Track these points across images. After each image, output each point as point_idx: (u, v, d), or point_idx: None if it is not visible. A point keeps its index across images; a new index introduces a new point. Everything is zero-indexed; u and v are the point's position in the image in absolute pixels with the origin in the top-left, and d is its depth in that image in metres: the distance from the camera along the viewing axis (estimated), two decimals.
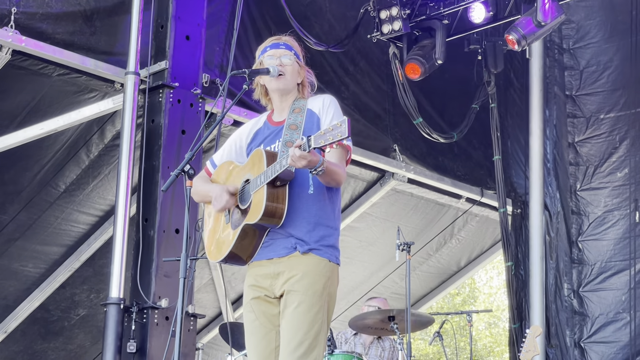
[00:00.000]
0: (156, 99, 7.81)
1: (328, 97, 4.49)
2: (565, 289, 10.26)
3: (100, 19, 7.84)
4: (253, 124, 4.64)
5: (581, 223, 10.31)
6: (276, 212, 4.18)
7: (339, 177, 4.26)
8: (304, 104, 4.46)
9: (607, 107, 10.26)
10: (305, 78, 4.56)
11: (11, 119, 7.97)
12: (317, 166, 4.05)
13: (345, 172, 4.34)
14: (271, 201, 4.15)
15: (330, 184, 4.28)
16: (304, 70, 4.56)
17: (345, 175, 4.32)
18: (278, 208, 4.17)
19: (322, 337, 4.21)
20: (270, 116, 4.58)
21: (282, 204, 4.18)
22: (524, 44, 8.62)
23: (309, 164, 4.02)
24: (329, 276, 4.25)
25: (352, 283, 10.78)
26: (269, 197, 4.15)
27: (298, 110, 4.43)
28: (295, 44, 4.60)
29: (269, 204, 4.15)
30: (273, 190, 4.16)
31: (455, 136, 9.99)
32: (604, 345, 9.99)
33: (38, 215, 8.78)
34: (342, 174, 4.29)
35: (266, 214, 4.15)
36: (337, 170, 4.24)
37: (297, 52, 4.54)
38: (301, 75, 4.54)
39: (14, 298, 9.37)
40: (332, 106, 4.42)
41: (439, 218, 10.93)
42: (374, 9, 9.04)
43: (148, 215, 7.60)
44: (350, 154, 4.40)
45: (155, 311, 7.37)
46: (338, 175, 4.25)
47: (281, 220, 4.19)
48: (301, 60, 4.55)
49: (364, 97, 9.66)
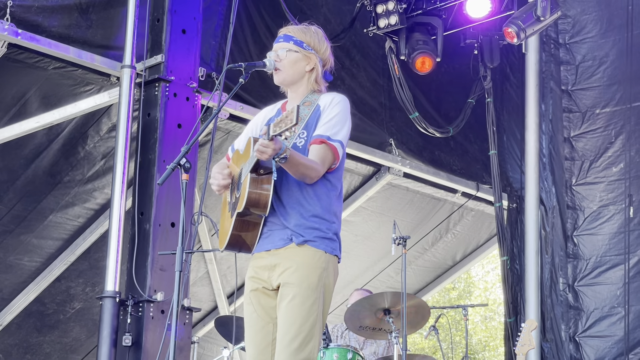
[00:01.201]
0: (152, 93, 7.80)
1: (340, 96, 4.38)
2: (561, 283, 10.26)
3: (96, 12, 7.82)
4: (269, 110, 4.58)
5: (576, 218, 10.31)
6: (260, 199, 4.15)
7: (308, 172, 4.15)
8: (316, 99, 4.37)
9: (602, 102, 10.25)
10: (316, 66, 4.42)
11: (6, 112, 7.96)
12: (280, 153, 3.99)
13: (322, 170, 4.20)
14: (254, 188, 4.13)
15: (298, 177, 4.17)
16: (308, 57, 4.42)
17: (317, 172, 4.18)
18: (262, 196, 4.14)
19: (318, 329, 4.19)
20: (284, 104, 4.52)
21: (265, 192, 4.14)
22: (523, 37, 8.62)
23: (273, 152, 3.97)
24: (324, 267, 4.23)
25: (348, 277, 10.78)
26: (251, 185, 4.13)
27: (308, 104, 4.35)
28: (298, 32, 4.45)
29: (251, 191, 4.12)
30: (257, 178, 4.13)
31: (451, 130, 9.99)
32: (598, 340, 10.00)
33: (33, 207, 8.77)
34: (315, 169, 4.17)
35: (249, 202, 4.14)
36: (307, 164, 4.14)
37: (298, 39, 4.41)
38: (311, 63, 4.41)
39: (10, 291, 9.38)
40: (339, 106, 4.31)
41: (434, 212, 10.94)
42: (371, 3, 9.04)
43: (144, 208, 7.60)
44: (337, 155, 4.26)
45: (151, 304, 7.38)
46: (307, 169, 4.14)
47: (266, 208, 4.16)
48: (308, 47, 4.42)
49: (360, 92, 9.66)
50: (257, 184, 4.14)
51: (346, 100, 4.40)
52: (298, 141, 4.28)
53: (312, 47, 4.43)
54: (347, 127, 4.33)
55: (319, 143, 4.22)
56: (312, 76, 4.43)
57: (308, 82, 4.44)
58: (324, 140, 4.22)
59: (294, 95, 4.45)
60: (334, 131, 4.25)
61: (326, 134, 4.24)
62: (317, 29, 4.53)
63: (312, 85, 4.44)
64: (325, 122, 4.27)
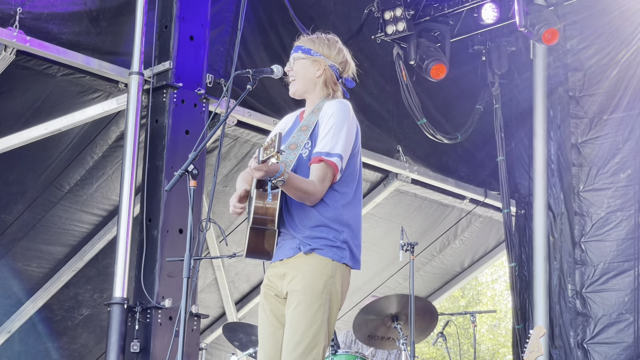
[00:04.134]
0: (160, 99, 7.82)
1: (338, 105, 4.39)
2: (569, 289, 10.24)
3: (106, 20, 7.85)
4: (289, 118, 4.61)
5: (584, 224, 10.29)
6: (267, 212, 4.17)
7: (305, 196, 4.17)
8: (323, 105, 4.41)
9: (610, 108, 10.24)
10: (325, 68, 4.47)
11: (15, 119, 7.98)
12: (277, 176, 4.02)
13: (321, 191, 4.20)
14: (259, 203, 4.16)
15: (299, 200, 4.20)
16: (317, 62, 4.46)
17: (317, 191, 4.18)
18: (269, 209, 4.17)
19: (322, 336, 4.19)
20: (302, 113, 4.55)
21: (271, 206, 4.17)
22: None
23: (265, 174, 4.00)
24: (330, 275, 4.23)
25: (356, 283, 10.77)
26: (257, 198, 4.16)
27: (316, 111, 4.38)
28: (306, 41, 4.51)
29: (257, 205, 4.16)
30: (263, 194, 4.16)
31: (459, 137, 9.99)
32: (607, 346, 9.97)
33: (42, 215, 8.79)
34: (311, 193, 4.18)
35: (257, 214, 4.17)
36: (304, 188, 4.15)
37: (305, 47, 4.47)
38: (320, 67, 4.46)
39: (18, 297, 9.39)
40: (334, 117, 4.31)
41: (442, 219, 10.94)
42: (378, 9, 9.04)
43: (152, 215, 7.61)
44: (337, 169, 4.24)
45: (159, 311, 7.38)
46: (304, 194, 4.16)
47: (274, 220, 4.19)
48: (314, 54, 4.46)
49: (368, 98, 9.66)
50: (263, 199, 4.17)
51: (344, 106, 4.41)
52: (304, 152, 4.30)
53: (321, 53, 4.48)
54: (345, 134, 4.30)
55: (317, 162, 4.23)
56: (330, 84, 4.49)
57: (320, 88, 4.48)
58: (322, 158, 4.22)
59: (309, 103, 4.50)
60: (331, 145, 4.25)
61: (324, 150, 4.24)
62: (329, 36, 4.57)
63: (324, 91, 4.48)
64: (322, 138, 4.28)
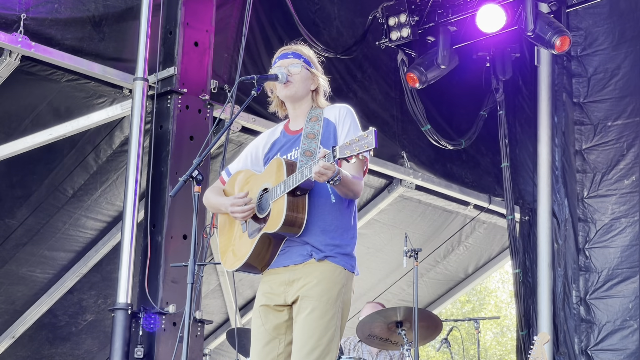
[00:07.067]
0: (164, 105, 7.82)
1: (345, 107, 4.49)
2: (574, 296, 10.23)
3: (109, 25, 7.85)
4: (269, 134, 4.64)
5: (588, 230, 10.28)
6: (296, 221, 4.19)
7: (356, 188, 4.26)
8: (320, 113, 4.46)
9: (614, 115, 10.23)
10: (319, 85, 4.54)
11: (19, 124, 7.99)
12: (334, 176, 4.04)
13: (363, 183, 4.32)
14: (291, 210, 4.16)
15: (348, 195, 4.26)
16: (317, 77, 4.55)
17: (362, 186, 4.31)
18: (298, 217, 4.18)
19: (335, 344, 4.21)
20: (287, 125, 4.58)
21: (302, 214, 4.19)
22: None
23: (332, 174, 4.03)
24: (344, 283, 4.27)
25: (360, 290, 10.77)
26: (289, 207, 4.15)
27: (315, 119, 4.42)
28: (306, 51, 4.59)
29: (289, 213, 4.15)
30: (293, 199, 4.17)
31: (464, 143, 9.99)
32: (611, 353, 9.95)
33: (46, 220, 8.80)
34: (359, 185, 4.28)
35: (286, 223, 4.16)
36: (354, 181, 4.24)
37: (307, 58, 4.54)
38: (315, 82, 4.53)
39: (22, 303, 9.39)
40: (349, 116, 4.42)
41: (446, 225, 10.93)
42: (383, 15, 9.05)
43: (156, 221, 7.61)
44: (367, 165, 4.41)
45: (163, 317, 7.38)
46: (355, 186, 4.24)
47: (301, 229, 4.20)
48: (313, 67, 4.54)
49: (372, 104, 9.67)
50: (295, 205, 4.17)
51: (350, 107, 4.50)
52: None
53: (316, 68, 4.57)
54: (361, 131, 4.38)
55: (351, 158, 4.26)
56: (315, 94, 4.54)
57: (311, 99, 4.54)
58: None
59: (297, 113, 4.53)
60: None
61: None
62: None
63: (314, 103, 4.54)
64: (346, 135, 4.33)
